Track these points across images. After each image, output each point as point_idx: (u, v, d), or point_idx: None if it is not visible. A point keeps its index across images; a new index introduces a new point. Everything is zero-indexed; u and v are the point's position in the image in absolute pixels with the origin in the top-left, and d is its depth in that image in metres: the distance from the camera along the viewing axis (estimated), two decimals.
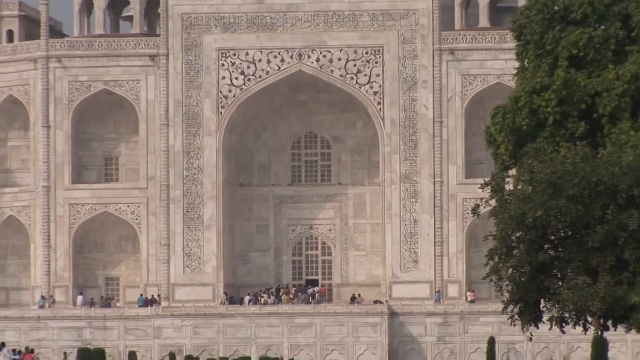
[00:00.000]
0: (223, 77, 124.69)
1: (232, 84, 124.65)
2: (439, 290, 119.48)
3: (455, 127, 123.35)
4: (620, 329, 60.61)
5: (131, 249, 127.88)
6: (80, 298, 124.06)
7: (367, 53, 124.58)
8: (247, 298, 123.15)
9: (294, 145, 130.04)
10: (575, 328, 59.33)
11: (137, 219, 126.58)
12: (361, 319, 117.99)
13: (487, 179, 62.76)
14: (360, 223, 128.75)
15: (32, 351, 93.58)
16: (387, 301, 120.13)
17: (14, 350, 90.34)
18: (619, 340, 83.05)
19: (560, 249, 56.07)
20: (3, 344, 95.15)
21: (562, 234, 55.58)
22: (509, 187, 60.46)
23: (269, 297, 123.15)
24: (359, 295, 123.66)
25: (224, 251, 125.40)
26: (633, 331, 61.87)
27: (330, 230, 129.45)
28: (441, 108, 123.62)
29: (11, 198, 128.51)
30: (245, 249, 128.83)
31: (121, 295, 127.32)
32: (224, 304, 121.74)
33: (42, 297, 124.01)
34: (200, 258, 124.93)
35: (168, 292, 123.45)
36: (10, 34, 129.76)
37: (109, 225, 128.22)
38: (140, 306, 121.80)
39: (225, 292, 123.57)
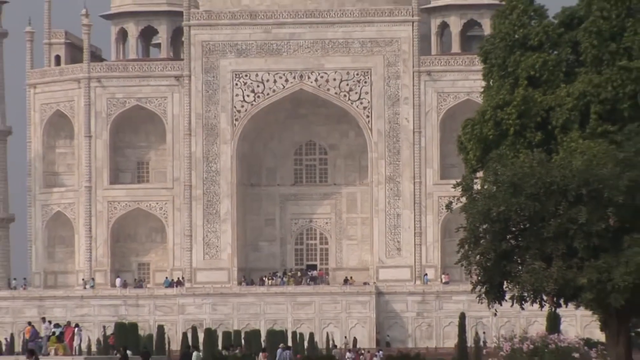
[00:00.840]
0: (237, 95, 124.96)
1: (244, 100, 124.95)
2: (426, 274, 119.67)
3: (431, 136, 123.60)
4: (571, 306, 61.27)
5: (159, 239, 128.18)
6: (118, 280, 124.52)
7: (357, 74, 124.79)
8: (266, 280, 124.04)
9: (296, 151, 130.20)
10: (532, 305, 59.99)
11: (164, 214, 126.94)
12: (353, 297, 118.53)
13: (458, 180, 63.20)
14: (352, 217, 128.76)
15: (77, 325, 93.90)
16: (374, 283, 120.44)
17: (57, 324, 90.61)
18: (570, 315, 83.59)
19: (520, 239, 56.60)
20: (43, 319, 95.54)
21: (521, 226, 56.11)
22: (477, 186, 61.12)
23: (277, 280, 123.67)
24: (351, 277, 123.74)
25: (237, 241, 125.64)
26: (581, 308, 62.76)
27: (326, 223, 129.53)
28: (420, 121, 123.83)
29: (59, 197, 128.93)
30: (255, 239, 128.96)
31: (151, 278, 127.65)
32: (241, 284, 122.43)
33: (92, 279, 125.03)
34: (217, 247, 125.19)
35: (190, 275, 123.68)
36: (57, 58, 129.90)
37: (141, 219, 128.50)
38: (167, 287, 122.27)
39: (244, 277, 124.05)
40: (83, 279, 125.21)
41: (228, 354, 76.46)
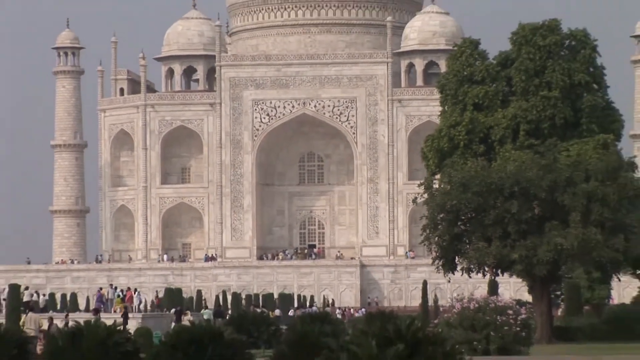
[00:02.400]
0: (255, 117, 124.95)
1: (261, 121, 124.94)
2: (409, 250, 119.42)
3: (401, 148, 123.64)
4: (506, 275, 61.65)
5: (198, 225, 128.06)
6: (165, 256, 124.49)
7: (346, 102, 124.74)
8: (281, 254, 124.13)
9: (300, 159, 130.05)
10: (477, 274, 60.39)
11: (201, 206, 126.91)
12: (343, 269, 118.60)
13: (422, 181, 64.02)
14: (342, 209, 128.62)
15: (136, 290, 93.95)
16: (359, 258, 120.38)
17: (122, 290, 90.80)
18: (505, 282, 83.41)
19: (467, 225, 56.93)
20: (111, 285, 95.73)
21: (468, 216, 56.47)
22: (436, 186, 61.50)
23: (286, 255, 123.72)
24: (341, 254, 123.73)
25: (256, 226, 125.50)
26: (514, 276, 62.98)
27: (323, 213, 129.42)
28: (393, 136, 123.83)
29: (122, 194, 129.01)
30: (269, 225, 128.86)
31: (192, 254, 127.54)
32: (262, 259, 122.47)
33: (176, 255, 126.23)
34: (241, 231, 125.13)
35: (221, 252, 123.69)
36: (122, 90, 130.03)
37: (184, 210, 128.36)
38: (205, 261, 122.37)
39: (264, 255, 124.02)
40: (167, 254, 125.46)
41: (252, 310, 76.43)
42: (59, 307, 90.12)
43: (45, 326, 40.52)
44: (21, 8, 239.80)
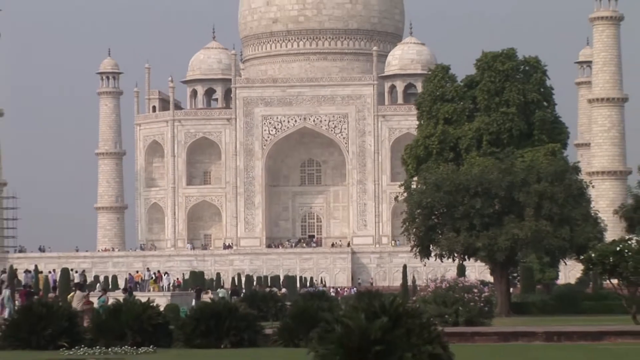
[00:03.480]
0: (265, 130, 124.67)
1: (269, 133, 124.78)
2: (395, 240, 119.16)
3: (385, 155, 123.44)
4: (472, 260, 61.60)
5: (217, 219, 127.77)
6: (189, 245, 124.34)
7: (339, 117, 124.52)
8: (286, 243, 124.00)
9: (301, 165, 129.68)
10: (448, 259, 60.34)
11: (220, 204, 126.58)
12: (337, 255, 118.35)
13: (402, 183, 64.10)
14: (336, 205, 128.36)
15: (166, 273, 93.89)
16: (350, 246, 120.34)
17: (154, 273, 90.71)
18: (471, 266, 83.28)
19: (440, 219, 56.89)
20: (147, 269, 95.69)
21: (441, 211, 56.39)
22: (414, 186, 61.45)
23: (290, 244, 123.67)
24: (335, 243, 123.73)
25: (265, 220, 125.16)
26: (478, 261, 62.94)
27: (320, 209, 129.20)
28: (378, 145, 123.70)
29: (155, 193, 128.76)
30: (276, 219, 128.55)
31: (212, 243, 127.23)
32: (270, 247, 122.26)
33: (199, 243, 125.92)
34: (253, 224, 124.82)
35: (236, 241, 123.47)
36: (154, 107, 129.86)
37: (205, 207, 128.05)
38: (222, 249, 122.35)
39: (272, 244, 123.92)
40: (190, 243, 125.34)
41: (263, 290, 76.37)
42: (102, 286, 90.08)
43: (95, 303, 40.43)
44: (70, 39, 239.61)
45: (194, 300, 59.12)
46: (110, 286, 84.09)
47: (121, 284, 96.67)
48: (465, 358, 21.39)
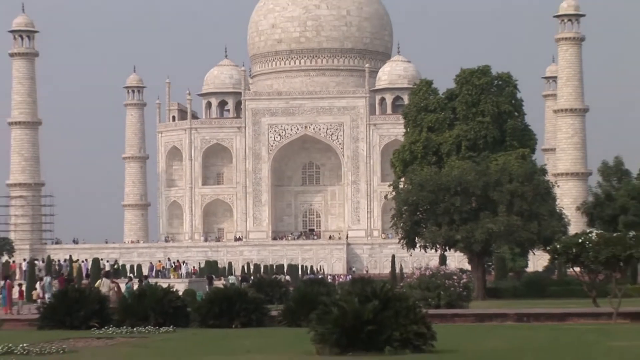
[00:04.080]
0: (271, 137, 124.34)
1: (275, 140, 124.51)
2: (386, 233, 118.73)
3: (376, 159, 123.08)
4: (452, 250, 61.52)
5: (229, 215, 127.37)
6: (202, 238, 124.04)
7: (336, 125, 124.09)
8: (289, 236, 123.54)
9: (303, 167, 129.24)
10: (431, 250, 60.36)
11: (231, 202, 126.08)
12: (334, 246, 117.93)
13: (391, 183, 64.03)
14: (333, 203, 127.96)
15: (184, 262, 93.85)
16: (346, 238, 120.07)
17: (174, 262, 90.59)
18: (451, 256, 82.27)
19: (424, 215, 56.88)
20: (168, 259, 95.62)
21: (425, 208, 56.38)
22: (401, 186, 61.46)
23: (293, 237, 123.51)
24: (332, 236, 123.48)
25: (271, 216, 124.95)
26: (458, 252, 62.88)
27: (319, 206, 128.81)
28: (370, 150, 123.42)
29: (174, 192, 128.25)
30: (280, 215, 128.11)
31: (224, 236, 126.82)
32: (276, 239, 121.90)
33: (213, 236, 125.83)
34: (260, 219, 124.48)
35: (246, 234, 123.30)
36: (174, 117, 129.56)
37: (219, 204, 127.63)
38: (234, 241, 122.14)
39: (277, 236, 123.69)
40: (205, 237, 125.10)
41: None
42: (128, 274, 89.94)
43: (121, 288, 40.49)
44: (100, 57, 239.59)
45: (206, 286, 59.08)
46: (135, 274, 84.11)
47: (145, 272, 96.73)
48: (446, 337, 21.39)
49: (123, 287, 39.25)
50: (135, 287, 36.72)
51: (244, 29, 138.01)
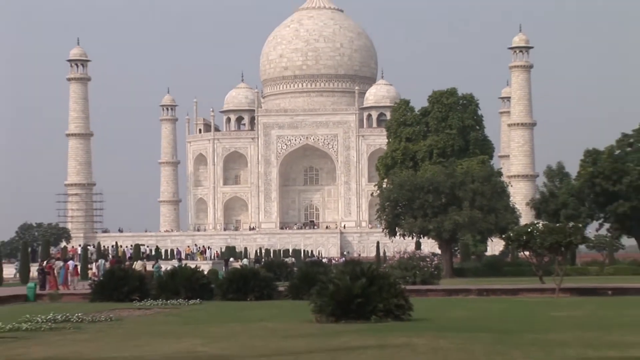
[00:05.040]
0: (279, 146, 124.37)
1: (282, 148, 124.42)
2: (371, 224, 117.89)
3: (364, 164, 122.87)
4: (425, 238, 61.35)
5: (245, 209, 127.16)
6: (222, 228, 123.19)
7: (331, 136, 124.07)
8: (294, 226, 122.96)
9: (304, 171, 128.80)
10: (408, 238, 60.31)
11: (247, 198, 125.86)
12: (330, 235, 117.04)
13: (376, 183, 64.07)
14: (329, 199, 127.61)
15: (209, 247, 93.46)
16: (340, 228, 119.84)
17: (200, 248, 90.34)
18: (425, 242, 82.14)
19: (403, 209, 56.88)
20: (196, 245, 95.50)
21: (404, 203, 56.38)
22: (384, 186, 61.45)
23: (297, 227, 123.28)
24: (329, 226, 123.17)
25: (279, 210, 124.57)
26: (430, 239, 62.73)
27: (318, 202, 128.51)
28: (359, 157, 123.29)
29: (200, 191, 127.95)
30: (287, 209, 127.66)
31: (241, 226, 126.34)
32: (283, 229, 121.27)
33: (232, 226, 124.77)
34: (270, 212, 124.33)
35: (258, 225, 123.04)
36: (200, 130, 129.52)
37: (236, 201, 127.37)
38: (249, 230, 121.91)
39: (284, 226, 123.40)
40: (232, 226, 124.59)
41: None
42: (163, 257, 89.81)
43: (149, 268, 40.84)
44: (138, 81, 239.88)
45: (223, 267, 59.05)
46: (169, 257, 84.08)
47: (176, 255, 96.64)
48: (420, 308, 21.40)
49: (149, 266, 39.86)
50: (170, 267, 36.71)
51: (257, 58, 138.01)
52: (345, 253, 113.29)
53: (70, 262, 41.24)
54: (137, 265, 37.22)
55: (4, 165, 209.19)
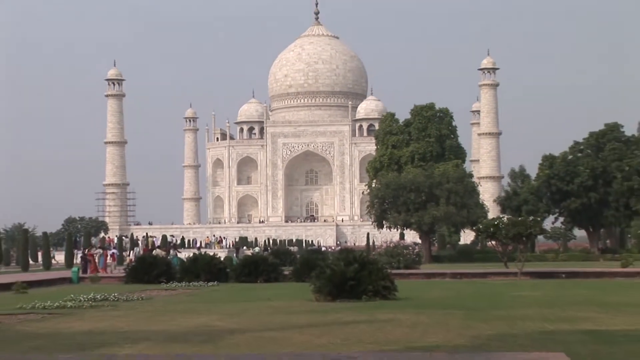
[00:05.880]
0: (284, 152, 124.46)
1: (287, 154, 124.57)
2: (364, 219, 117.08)
3: (356, 167, 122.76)
4: (408, 230, 61.16)
5: (255, 205, 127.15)
6: (236, 221, 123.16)
7: (329, 144, 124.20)
8: (298, 220, 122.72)
9: (306, 173, 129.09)
10: (394, 229, 60.22)
11: (257, 196, 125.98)
12: (327, 227, 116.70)
13: (366, 183, 63.93)
14: (327, 197, 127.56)
15: (225, 238, 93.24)
16: (336, 221, 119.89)
17: (218, 238, 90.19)
18: (408, 233, 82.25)
19: (389, 205, 56.83)
20: (214, 236, 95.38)
21: (390, 200, 56.31)
22: (373, 185, 61.39)
23: (299, 220, 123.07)
24: (326, 219, 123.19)
25: (284, 205, 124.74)
26: (413, 230, 62.62)
27: (317, 199, 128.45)
28: (352, 161, 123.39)
29: (218, 189, 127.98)
30: (291, 205, 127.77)
31: (252, 220, 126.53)
32: (287, 222, 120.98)
33: (244, 220, 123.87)
34: (277, 208, 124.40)
35: (267, 218, 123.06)
36: (217, 138, 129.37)
37: (248, 198, 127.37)
38: (258, 223, 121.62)
39: (288, 220, 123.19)
40: (247, 217, 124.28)
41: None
42: (186, 246, 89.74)
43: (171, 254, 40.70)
44: (164, 96, 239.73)
45: (234, 254, 58.86)
46: (191, 245, 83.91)
47: (197, 244, 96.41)
48: (404, 288, 21.38)
49: (158, 252, 39.97)
50: (190, 255, 36.66)
51: (265, 77, 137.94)
52: (340, 242, 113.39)
53: (109, 251, 41.26)
54: (157, 253, 37.13)
55: (52, 168, 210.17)
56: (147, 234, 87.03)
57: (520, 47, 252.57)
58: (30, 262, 50.64)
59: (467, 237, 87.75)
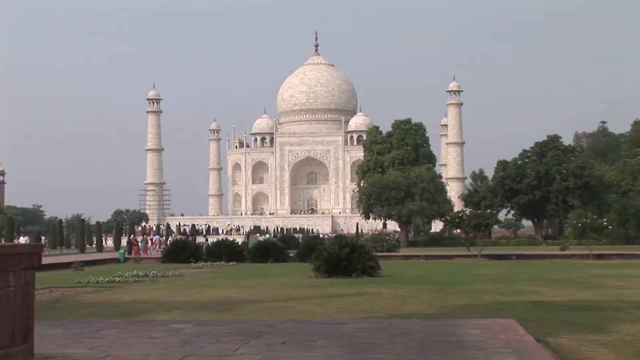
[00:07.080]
0: (290, 157, 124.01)
1: (292, 159, 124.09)
2: (354, 212, 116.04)
3: (348, 170, 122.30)
4: (390, 220, 60.87)
5: (266, 200, 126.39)
6: (251, 213, 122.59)
7: (326, 151, 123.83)
8: (301, 212, 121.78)
9: (307, 174, 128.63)
10: (378, 220, 60.10)
11: (268, 193, 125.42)
12: (324, 218, 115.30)
13: (356, 183, 63.75)
14: (324, 194, 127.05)
15: (242, 226, 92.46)
16: (331, 213, 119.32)
17: (236, 226, 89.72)
18: (390, 223, 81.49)
19: (374, 201, 56.74)
20: (233, 224, 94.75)
21: (375, 197, 56.21)
22: (362, 185, 61.28)
23: (302, 212, 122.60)
24: (324, 212, 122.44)
25: (290, 200, 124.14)
26: (394, 221, 62.37)
27: (317, 196, 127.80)
28: (344, 165, 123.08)
29: (237, 187, 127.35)
30: (295, 200, 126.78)
31: (264, 212, 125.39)
32: (293, 214, 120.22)
33: (258, 212, 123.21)
34: (284, 203, 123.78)
35: (276, 211, 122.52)
36: (236, 146, 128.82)
37: (261, 195, 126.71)
38: (269, 214, 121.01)
39: (293, 212, 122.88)
40: (260, 211, 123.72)
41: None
42: (211, 233, 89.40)
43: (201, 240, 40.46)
44: (194, 112, 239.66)
45: (248, 239, 58.34)
46: (215, 233, 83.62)
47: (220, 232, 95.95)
48: (386, 267, 21.39)
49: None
50: (215, 240, 36.59)
51: (275, 97, 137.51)
52: (335, 230, 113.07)
53: (152, 237, 41.24)
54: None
55: (104, 171, 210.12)
56: (179, 223, 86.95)
57: (481, 73, 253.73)
58: (86, 245, 50.83)
59: (437, 226, 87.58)
